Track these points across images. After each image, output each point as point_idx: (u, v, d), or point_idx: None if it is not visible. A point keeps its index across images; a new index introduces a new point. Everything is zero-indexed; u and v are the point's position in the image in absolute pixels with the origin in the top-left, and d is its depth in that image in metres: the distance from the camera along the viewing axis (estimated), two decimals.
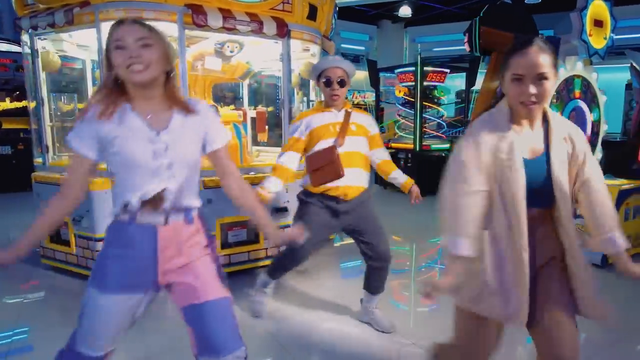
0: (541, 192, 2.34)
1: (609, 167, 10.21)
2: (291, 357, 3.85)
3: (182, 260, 2.35)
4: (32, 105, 6.11)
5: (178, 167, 2.29)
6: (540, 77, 2.22)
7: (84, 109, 2.26)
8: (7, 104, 11.33)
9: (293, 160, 4.05)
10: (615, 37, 15.98)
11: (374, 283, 4.29)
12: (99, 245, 5.02)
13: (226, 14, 5.08)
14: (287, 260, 4.29)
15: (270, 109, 7.83)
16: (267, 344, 4.01)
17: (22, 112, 11.19)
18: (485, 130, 2.37)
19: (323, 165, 3.88)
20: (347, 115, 4.03)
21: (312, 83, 6.87)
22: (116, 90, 2.24)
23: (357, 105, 18.05)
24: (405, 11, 19.21)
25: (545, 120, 2.42)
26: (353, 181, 3.97)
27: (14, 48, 11.45)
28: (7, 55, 11.43)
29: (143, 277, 2.32)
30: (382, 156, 4.25)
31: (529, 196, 2.28)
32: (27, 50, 5.83)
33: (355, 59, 21.90)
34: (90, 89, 6.80)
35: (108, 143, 2.21)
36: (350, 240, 4.34)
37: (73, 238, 5.33)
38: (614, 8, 7.20)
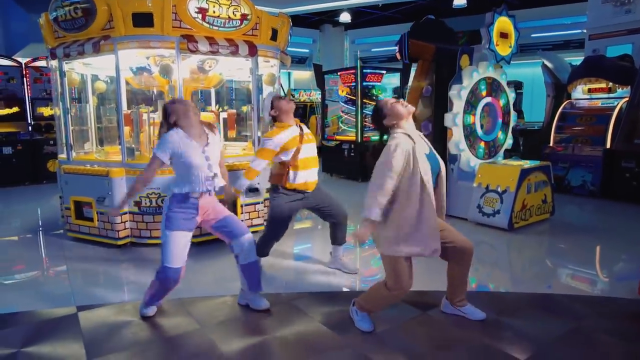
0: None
1: (528, 152, 12.06)
2: (284, 286, 5.57)
3: (209, 213, 4.53)
4: (58, 112, 7.67)
5: (214, 167, 4.44)
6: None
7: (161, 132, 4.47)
8: (2, 111, 12.82)
9: (263, 166, 5.34)
10: (538, 35, 18.15)
11: (339, 235, 5.86)
12: (117, 219, 6.71)
13: (211, 41, 6.67)
14: (270, 236, 5.69)
15: (234, 111, 9.21)
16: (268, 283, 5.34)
17: (14, 118, 12.93)
18: (404, 140, 3.90)
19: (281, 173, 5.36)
20: (301, 129, 5.42)
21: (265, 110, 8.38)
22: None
23: (304, 103, 19.79)
24: (345, 17, 20.67)
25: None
26: (312, 178, 5.45)
27: (6, 62, 12.97)
28: (0, 69, 12.89)
29: (192, 224, 4.41)
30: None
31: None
32: (54, 69, 7.46)
33: (300, 60, 23.58)
34: (90, 97, 8.38)
35: (178, 154, 4.27)
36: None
37: (96, 214, 6.90)
38: (533, 9, 8.78)
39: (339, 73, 13.93)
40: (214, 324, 4.53)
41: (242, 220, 6.57)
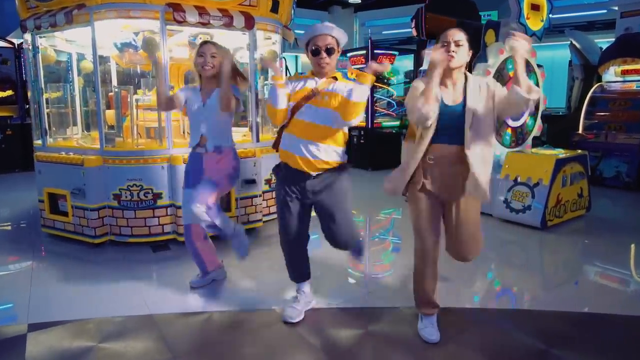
0: (455, 127, 3.56)
1: (552, 139, 11.25)
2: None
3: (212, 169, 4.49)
4: (30, 94, 6.86)
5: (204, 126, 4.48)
6: (457, 44, 3.53)
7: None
8: None
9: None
10: (557, 16, 17.37)
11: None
12: (93, 215, 5.90)
13: (201, 11, 5.81)
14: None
15: None
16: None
17: (7, 101, 12.11)
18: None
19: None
20: (324, 84, 3.86)
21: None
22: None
23: None
24: None
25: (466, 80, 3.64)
26: (300, 152, 3.88)
27: None
28: None
29: (198, 178, 4.46)
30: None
31: (446, 132, 3.59)
32: (28, 47, 6.63)
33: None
34: (76, 78, 7.56)
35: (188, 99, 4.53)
36: None
37: (70, 209, 6.10)
38: None
39: (347, 55, 13.13)
40: (190, 350, 3.68)
41: (238, 216, 6.24)
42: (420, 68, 9.60)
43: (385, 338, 3.81)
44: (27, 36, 6.56)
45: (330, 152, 3.87)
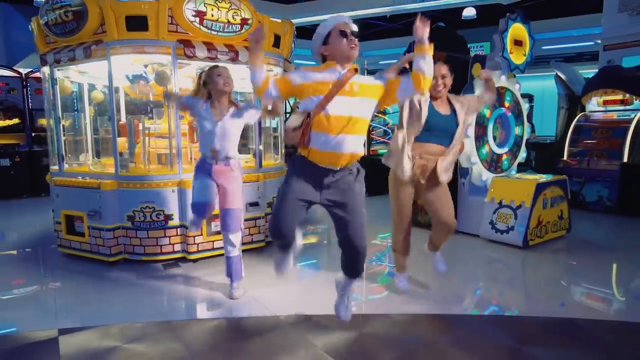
0: (444, 133, 4.84)
1: (540, 166, 11.73)
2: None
3: (220, 183, 5.20)
4: (46, 122, 7.42)
5: (220, 142, 5.07)
6: (443, 77, 4.84)
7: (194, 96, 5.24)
8: (3, 122, 12.60)
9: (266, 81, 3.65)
10: (548, 47, 17.90)
11: (347, 265, 4.25)
12: (109, 235, 6.37)
13: (209, 46, 6.33)
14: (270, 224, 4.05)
15: None
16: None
17: (14, 129, 12.66)
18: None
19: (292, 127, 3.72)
20: (349, 73, 3.64)
21: None
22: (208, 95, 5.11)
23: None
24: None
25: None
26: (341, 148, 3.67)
27: (6, 73, 12.75)
28: (0, 79, 12.65)
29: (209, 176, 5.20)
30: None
31: (434, 134, 4.82)
32: (46, 78, 7.12)
33: None
34: (87, 107, 8.01)
35: (197, 114, 5.15)
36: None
37: (87, 230, 6.54)
38: (544, 21, 8.56)
39: None
40: (205, 350, 4.15)
41: (243, 236, 6.34)
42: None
43: (377, 339, 4.28)
44: (46, 69, 7.04)
45: (359, 143, 3.75)
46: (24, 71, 13.11)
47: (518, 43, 8.21)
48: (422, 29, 3.60)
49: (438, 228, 5.16)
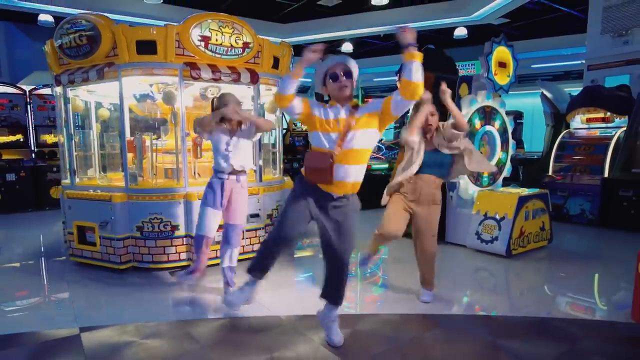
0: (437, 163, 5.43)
1: (528, 181, 12.19)
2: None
3: (231, 195, 5.61)
4: (62, 139, 7.75)
5: (232, 158, 5.52)
6: (432, 115, 5.37)
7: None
8: (6, 138, 13.07)
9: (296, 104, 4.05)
10: (538, 66, 18.26)
11: (325, 287, 4.66)
12: (119, 244, 6.81)
13: (214, 68, 6.81)
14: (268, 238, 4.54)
15: None
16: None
17: (17, 145, 13.14)
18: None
19: (318, 167, 4.03)
20: (352, 112, 4.01)
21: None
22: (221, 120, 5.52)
23: (306, 132, 19.30)
24: (347, 47, 20.48)
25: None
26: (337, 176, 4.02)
27: (10, 90, 13.23)
28: (4, 96, 13.10)
29: (219, 202, 5.56)
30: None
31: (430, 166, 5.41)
32: (59, 96, 7.57)
33: (302, 90, 23.61)
34: (94, 124, 8.52)
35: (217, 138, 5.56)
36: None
37: (98, 239, 6.97)
38: (533, 40, 8.86)
39: None
40: (214, 344, 4.60)
41: (243, 246, 6.76)
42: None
43: (368, 335, 4.76)
44: (59, 89, 7.51)
45: (361, 172, 4.14)
46: (27, 88, 13.54)
47: (502, 65, 8.73)
48: (409, 35, 3.81)
49: (418, 254, 5.63)
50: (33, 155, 13.48)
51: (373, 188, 6.31)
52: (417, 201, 5.46)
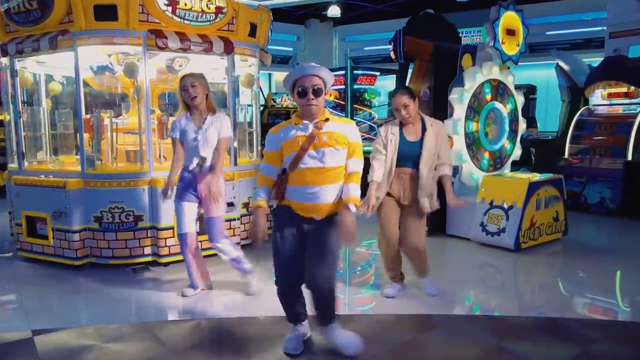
0: (414, 158, 5.54)
1: (541, 164, 12.22)
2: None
3: (203, 187, 5.68)
4: (8, 117, 7.83)
5: (202, 149, 5.65)
6: (405, 107, 5.45)
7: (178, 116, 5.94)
8: None
9: (272, 172, 4.30)
10: (554, 32, 18.06)
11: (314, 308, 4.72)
12: (75, 237, 6.85)
13: (182, 37, 6.86)
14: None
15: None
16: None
17: None
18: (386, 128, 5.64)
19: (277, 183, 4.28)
20: (315, 130, 4.13)
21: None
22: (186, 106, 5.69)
23: (286, 109, 19.13)
24: (333, 11, 20.44)
25: (423, 123, 5.45)
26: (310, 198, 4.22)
27: None
28: None
29: (193, 195, 5.74)
30: (349, 168, 4.30)
31: (406, 159, 5.56)
32: (5, 68, 7.61)
33: (283, 60, 23.82)
34: (44, 100, 8.49)
35: (182, 132, 5.68)
36: None
37: (51, 232, 7.01)
38: (548, 3, 8.75)
39: None
40: (184, 349, 4.73)
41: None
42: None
43: (363, 336, 4.88)
44: (5, 60, 7.53)
45: (337, 191, 4.25)
46: None
47: (511, 32, 8.78)
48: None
49: (406, 249, 5.83)
50: None
51: (365, 171, 6.45)
52: (402, 197, 5.72)
